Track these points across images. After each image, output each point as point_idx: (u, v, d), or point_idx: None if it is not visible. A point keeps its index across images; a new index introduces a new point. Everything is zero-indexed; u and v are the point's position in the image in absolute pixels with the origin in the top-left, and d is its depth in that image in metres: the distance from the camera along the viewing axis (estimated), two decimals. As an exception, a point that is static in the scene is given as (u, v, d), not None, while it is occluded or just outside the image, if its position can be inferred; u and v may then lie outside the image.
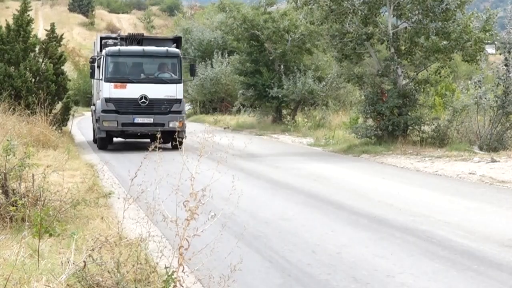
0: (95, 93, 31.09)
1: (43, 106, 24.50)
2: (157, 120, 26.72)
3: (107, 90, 26.53)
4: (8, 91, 25.73)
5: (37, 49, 28.16)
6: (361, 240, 11.09)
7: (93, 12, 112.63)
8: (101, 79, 27.12)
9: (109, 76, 26.75)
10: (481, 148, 23.35)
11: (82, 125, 41.46)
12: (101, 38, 30.38)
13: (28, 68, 26.90)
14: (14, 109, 24.04)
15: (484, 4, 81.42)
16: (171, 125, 26.43)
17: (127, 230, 9.66)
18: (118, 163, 20.96)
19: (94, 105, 30.85)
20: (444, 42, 24.86)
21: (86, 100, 61.82)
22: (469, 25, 24.96)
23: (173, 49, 28.40)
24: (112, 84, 26.57)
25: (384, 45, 27.21)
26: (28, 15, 28.17)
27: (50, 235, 9.84)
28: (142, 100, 26.63)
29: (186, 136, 26.87)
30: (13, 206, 10.35)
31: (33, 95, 25.99)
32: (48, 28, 29.55)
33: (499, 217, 13.13)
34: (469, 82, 26.55)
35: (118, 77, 26.85)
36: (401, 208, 13.82)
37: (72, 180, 14.76)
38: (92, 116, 31.90)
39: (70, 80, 33.44)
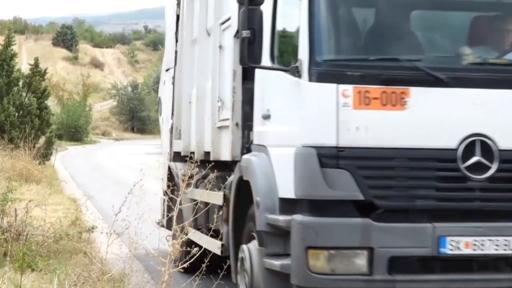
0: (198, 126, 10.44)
1: (26, 141, 24.41)
2: None
3: (329, 108, 6.72)
4: (-9, 126, 25.70)
5: (20, 83, 28.13)
6: None
7: (77, 47, 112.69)
8: (297, 74, 6.92)
9: (334, 57, 6.98)
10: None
11: (65, 159, 41.31)
12: None
13: (11, 103, 26.82)
14: (-3, 143, 24.00)
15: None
16: None
17: (110, 265, 9.64)
18: (102, 197, 20.87)
19: (181, 158, 11.11)
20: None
21: (69, 134, 61.46)
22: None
23: None
24: (348, 88, 6.70)
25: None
26: (12, 50, 28.18)
27: (33, 270, 9.79)
28: (474, 161, 6.84)
29: None
30: (-5, 240, 10.31)
31: (17, 130, 25.91)
32: (32, 62, 29.54)
33: None
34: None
35: (379, 66, 6.92)
36: None
37: (55, 214, 14.68)
38: (164, 198, 10.92)
39: (53, 115, 33.37)
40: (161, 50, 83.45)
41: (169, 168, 11.69)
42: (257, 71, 7.80)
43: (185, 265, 6.99)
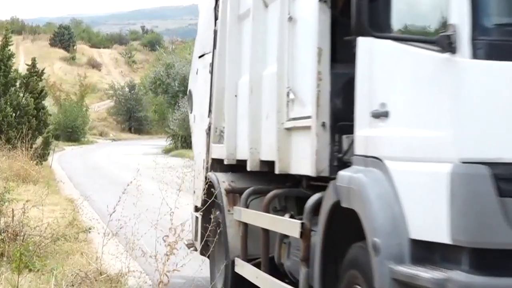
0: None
1: (23, 141, 24.43)
2: None
3: (509, 101, 4.26)
4: (-12, 126, 25.73)
5: (18, 83, 28.13)
6: None
7: (74, 47, 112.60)
8: (449, 48, 4.37)
9: None
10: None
11: (62, 159, 41.28)
12: None
13: (8, 103, 26.81)
14: (-6, 143, 24.02)
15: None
16: None
17: (106, 265, 9.65)
18: (99, 198, 20.89)
19: (223, 166, 8.91)
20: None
21: (67, 134, 61.35)
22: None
23: None
24: None
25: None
26: (9, 50, 28.17)
27: (30, 270, 9.80)
28: None
29: None
30: (-8, 241, 10.33)
31: (14, 130, 25.90)
32: (29, 62, 29.54)
33: None
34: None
35: None
36: None
37: (52, 215, 14.70)
38: (197, 216, 9.19)
39: (50, 115, 33.38)
40: (159, 51, 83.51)
41: (207, 179, 8.77)
42: (362, 46, 5.22)
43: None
